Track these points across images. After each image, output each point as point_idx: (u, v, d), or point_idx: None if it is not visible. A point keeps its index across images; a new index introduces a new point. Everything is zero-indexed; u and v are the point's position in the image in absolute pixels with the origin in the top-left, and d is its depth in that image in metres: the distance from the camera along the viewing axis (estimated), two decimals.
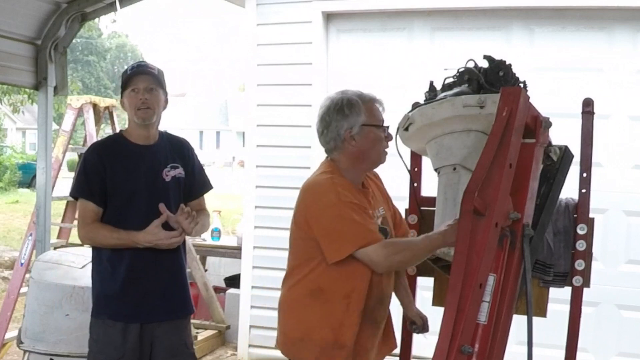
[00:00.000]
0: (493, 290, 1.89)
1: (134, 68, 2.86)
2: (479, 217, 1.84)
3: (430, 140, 2.50)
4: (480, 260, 1.80)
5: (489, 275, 1.88)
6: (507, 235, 1.96)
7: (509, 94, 1.98)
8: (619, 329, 4.34)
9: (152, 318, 2.84)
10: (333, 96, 2.43)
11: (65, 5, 4.20)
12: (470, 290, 1.78)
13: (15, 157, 22.58)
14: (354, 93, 2.43)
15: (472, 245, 1.83)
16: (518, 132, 1.97)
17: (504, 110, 1.94)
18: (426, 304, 2.80)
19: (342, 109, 2.36)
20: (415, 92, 2.71)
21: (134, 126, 2.86)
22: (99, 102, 5.44)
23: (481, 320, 1.86)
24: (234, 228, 7.62)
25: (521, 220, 1.99)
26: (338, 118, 2.37)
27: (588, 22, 4.38)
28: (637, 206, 4.30)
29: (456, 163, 2.38)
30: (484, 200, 1.85)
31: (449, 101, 2.37)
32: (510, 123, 1.93)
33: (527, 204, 2.03)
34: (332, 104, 2.39)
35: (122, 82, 2.85)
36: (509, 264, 1.96)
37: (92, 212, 2.79)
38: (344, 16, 4.92)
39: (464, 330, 1.75)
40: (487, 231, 1.83)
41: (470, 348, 1.76)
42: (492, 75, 2.40)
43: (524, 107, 2.00)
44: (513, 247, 1.97)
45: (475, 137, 2.35)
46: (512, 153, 1.94)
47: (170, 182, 2.86)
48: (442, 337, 1.75)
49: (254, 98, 5.02)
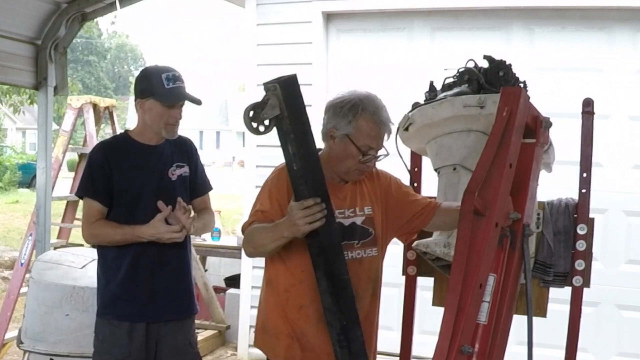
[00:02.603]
0: (493, 290, 1.89)
1: (174, 88, 2.77)
2: (479, 217, 1.84)
3: (430, 140, 2.50)
4: (480, 260, 1.80)
5: (489, 275, 1.88)
6: (507, 235, 1.96)
7: (509, 94, 1.98)
8: (619, 329, 4.34)
9: (158, 318, 2.85)
10: (347, 92, 2.35)
11: (65, 5, 4.20)
12: (470, 290, 1.78)
13: (15, 157, 22.59)
14: (363, 101, 2.29)
15: (472, 245, 1.83)
16: (518, 132, 1.97)
17: (504, 110, 1.94)
18: (426, 304, 2.80)
19: (340, 108, 2.30)
20: (415, 92, 2.71)
21: (145, 128, 2.84)
22: (99, 102, 5.44)
23: (481, 320, 1.86)
24: (234, 228, 7.63)
25: (521, 220, 1.98)
26: (332, 113, 2.33)
27: (588, 22, 4.38)
28: (637, 206, 4.30)
29: (456, 163, 2.38)
30: (484, 201, 1.85)
31: (449, 101, 2.37)
32: (510, 123, 1.93)
33: (528, 204, 2.03)
34: (339, 98, 2.33)
35: (155, 92, 2.75)
36: (509, 263, 1.96)
37: (97, 211, 2.80)
38: (344, 16, 4.92)
39: (464, 330, 1.75)
40: (487, 231, 1.83)
41: (470, 348, 1.76)
42: (492, 75, 2.41)
43: (524, 107, 2.00)
44: (513, 247, 1.97)
45: (475, 137, 2.35)
46: (512, 153, 1.93)
47: (177, 181, 2.87)
48: (442, 337, 1.75)
49: (254, 98, 4.98)
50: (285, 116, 2.00)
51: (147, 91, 2.78)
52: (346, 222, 2.36)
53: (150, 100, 2.77)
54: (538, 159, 2.12)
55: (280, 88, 1.99)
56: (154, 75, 2.78)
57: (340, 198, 2.36)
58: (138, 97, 2.82)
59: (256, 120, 2.00)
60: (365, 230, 2.38)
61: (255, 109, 2.00)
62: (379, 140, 2.30)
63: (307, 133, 2.06)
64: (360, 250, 2.37)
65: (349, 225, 2.36)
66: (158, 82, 2.76)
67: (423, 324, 4.20)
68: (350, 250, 2.33)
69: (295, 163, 2.05)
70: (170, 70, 2.81)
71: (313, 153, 2.10)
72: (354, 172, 2.34)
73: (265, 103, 1.99)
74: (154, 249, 2.79)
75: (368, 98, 2.30)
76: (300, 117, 2.04)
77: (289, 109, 2.00)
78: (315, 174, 2.10)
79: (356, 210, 2.39)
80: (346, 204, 2.38)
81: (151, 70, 2.85)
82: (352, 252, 2.35)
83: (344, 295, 2.16)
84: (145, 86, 2.80)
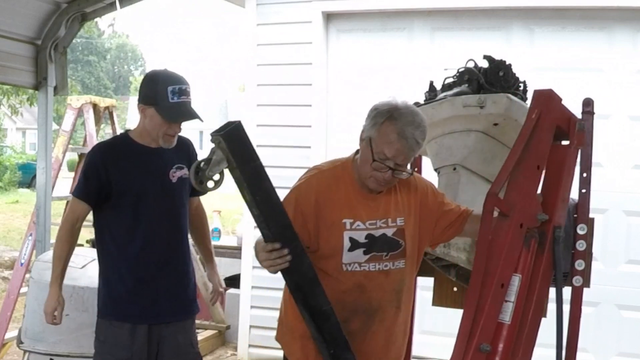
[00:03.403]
0: (518, 291, 1.87)
1: (178, 104, 2.72)
2: (503, 218, 1.84)
3: (430, 140, 2.50)
4: (501, 260, 1.80)
5: (514, 276, 1.87)
6: (535, 236, 1.94)
7: (539, 96, 1.96)
8: (619, 329, 4.35)
9: (160, 319, 2.85)
10: (392, 99, 2.26)
11: (65, 5, 4.20)
12: (491, 290, 1.78)
13: (15, 157, 22.58)
14: (398, 110, 2.19)
15: (494, 245, 1.83)
16: (547, 133, 1.95)
17: (533, 112, 1.91)
18: (426, 304, 2.80)
19: (375, 111, 2.23)
20: (415, 92, 2.71)
21: (145, 132, 2.83)
22: (99, 102, 5.43)
23: (505, 319, 1.86)
24: (234, 228, 7.63)
25: (551, 222, 1.96)
26: (368, 115, 2.27)
27: (588, 22, 4.38)
28: (637, 206, 4.31)
29: (456, 163, 2.39)
30: (508, 201, 1.85)
31: (449, 101, 2.37)
32: (538, 125, 1.91)
33: (559, 206, 1.99)
34: (380, 102, 2.27)
35: (159, 103, 2.71)
36: (537, 265, 1.94)
37: (82, 211, 2.83)
38: (344, 16, 4.92)
39: (482, 328, 1.75)
40: (510, 231, 1.83)
41: (488, 346, 1.76)
42: (492, 75, 2.41)
43: (554, 109, 1.97)
44: (542, 249, 1.95)
45: (476, 137, 2.35)
46: (540, 155, 1.92)
47: (177, 182, 2.87)
48: (461, 335, 1.76)
49: (254, 98, 5.02)
50: (234, 167, 1.96)
51: (150, 99, 2.74)
52: (377, 233, 2.29)
53: (152, 108, 2.73)
54: (571, 162, 2.08)
55: (225, 140, 1.93)
56: (161, 84, 2.72)
57: (373, 208, 2.30)
58: (141, 101, 2.78)
59: (203, 178, 1.96)
60: (395, 242, 2.32)
61: (198, 168, 1.95)
62: (396, 153, 2.17)
63: (261, 178, 2.01)
64: (389, 262, 2.32)
65: (379, 236, 2.30)
66: (163, 93, 2.70)
67: (423, 324, 4.21)
68: (377, 262, 2.30)
69: (254, 209, 2.03)
70: (178, 82, 2.74)
71: (271, 197, 2.05)
72: (370, 179, 2.24)
73: (210, 160, 1.95)
74: (155, 250, 2.80)
75: (404, 109, 2.20)
76: (250, 164, 1.98)
77: (237, 160, 1.94)
78: (276, 216, 2.06)
79: (388, 221, 2.31)
80: (379, 214, 2.31)
81: (159, 77, 2.77)
82: (380, 263, 2.30)
83: (327, 325, 2.16)
84: (149, 93, 2.75)
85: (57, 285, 2.85)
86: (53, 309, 2.84)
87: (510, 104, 2.29)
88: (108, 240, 2.86)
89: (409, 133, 2.16)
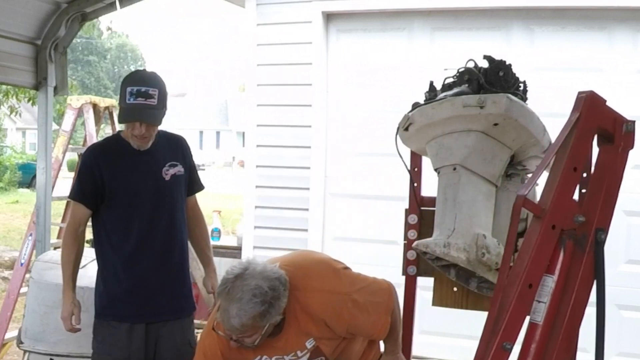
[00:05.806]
0: (552, 292, 1.88)
1: (131, 106, 2.68)
2: (535, 220, 1.85)
3: (430, 140, 2.49)
4: (530, 260, 1.81)
5: (546, 277, 1.87)
6: (571, 238, 1.95)
7: (580, 98, 1.96)
8: (619, 329, 4.34)
9: (157, 318, 2.86)
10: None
11: (65, 5, 4.20)
12: (516, 290, 1.79)
13: (15, 157, 22.58)
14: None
15: (523, 245, 1.85)
16: (586, 135, 1.95)
17: (573, 115, 1.92)
18: (426, 304, 2.80)
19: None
20: (415, 92, 2.71)
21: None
22: (99, 102, 5.43)
23: (536, 320, 1.87)
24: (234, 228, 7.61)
25: (591, 224, 1.95)
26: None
27: (588, 22, 4.38)
28: (637, 206, 4.30)
29: (456, 163, 2.38)
30: (542, 203, 1.86)
31: (449, 101, 2.37)
32: (577, 127, 1.92)
33: (602, 209, 1.99)
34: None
35: (120, 103, 2.74)
36: (575, 267, 1.94)
37: (83, 214, 2.83)
38: (344, 16, 4.92)
39: (506, 327, 1.77)
40: (540, 233, 1.83)
41: (510, 344, 1.78)
42: (492, 75, 2.40)
43: (596, 111, 1.97)
44: (582, 251, 1.94)
45: (476, 137, 2.35)
46: (579, 156, 1.92)
47: (170, 180, 2.87)
48: (485, 332, 1.79)
49: (254, 98, 5.02)
50: None
51: (119, 100, 2.78)
52: None
53: (119, 106, 2.78)
54: (616, 164, 2.08)
55: None
56: (123, 85, 2.74)
57: (279, 348, 2.35)
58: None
59: None
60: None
61: None
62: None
63: None
64: None
65: None
66: (123, 93, 2.72)
67: (423, 324, 4.21)
68: None
69: None
70: (138, 83, 2.69)
71: None
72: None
73: None
74: (150, 249, 2.80)
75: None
76: None
77: None
78: None
79: (297, 352, 2.37)
80: (286, 351, 2.36)
81: (126, 78, 2.79)
82: None
83: None
84: (119, 83, 2.81)
85: (69, 289, 2.84)
86: (70, 313, 2.82)
87: (510, 104, 2.29)
88: (104, 241, 2.86)
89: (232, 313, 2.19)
